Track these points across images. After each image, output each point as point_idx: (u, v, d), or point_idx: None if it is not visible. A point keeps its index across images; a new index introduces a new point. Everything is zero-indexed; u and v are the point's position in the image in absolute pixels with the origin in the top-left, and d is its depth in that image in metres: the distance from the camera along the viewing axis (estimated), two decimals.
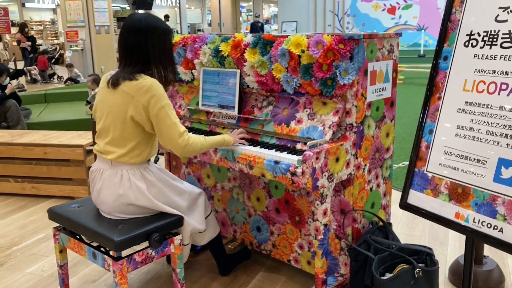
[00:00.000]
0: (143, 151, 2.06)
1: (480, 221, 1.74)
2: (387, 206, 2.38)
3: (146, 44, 2.01)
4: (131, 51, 2.02)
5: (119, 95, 1.99)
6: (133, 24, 2.03)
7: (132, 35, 2.01)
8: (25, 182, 3.91)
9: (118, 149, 2.03)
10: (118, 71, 2.04)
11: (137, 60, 2.02)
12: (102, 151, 2.07)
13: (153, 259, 2.07)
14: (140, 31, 2.01)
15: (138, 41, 2.01)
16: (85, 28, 11.37)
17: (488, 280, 2.32)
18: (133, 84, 1.97)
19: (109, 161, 2.05)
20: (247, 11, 28.80)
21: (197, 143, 2.04)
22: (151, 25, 2.03)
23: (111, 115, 2.03)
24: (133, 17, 2.06)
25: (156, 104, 1.95)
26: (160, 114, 1.96)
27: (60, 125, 5.34)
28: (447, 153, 1.88)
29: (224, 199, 2.80)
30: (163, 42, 2.06)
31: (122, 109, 1.99)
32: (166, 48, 2.09)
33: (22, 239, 3.13)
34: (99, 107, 2.10)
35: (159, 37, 2.04)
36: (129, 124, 2.00)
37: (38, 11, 23.98)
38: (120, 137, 2.02)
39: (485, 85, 1.77)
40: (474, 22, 1.84)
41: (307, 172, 1.87)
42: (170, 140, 1.99)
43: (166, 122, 1.97)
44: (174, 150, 2.03)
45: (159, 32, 2.04)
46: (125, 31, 2.04)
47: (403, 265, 1.95)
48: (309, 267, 2.45)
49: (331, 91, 2.04)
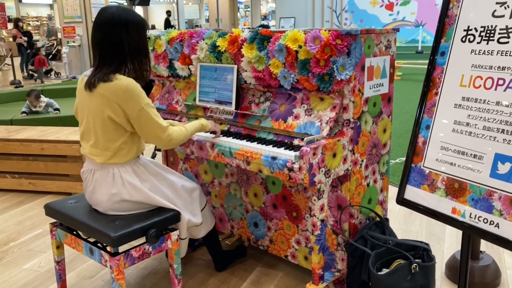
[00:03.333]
0: (130, 149, 2.06)
1: (476, 216, 1.75)
2: (384, 201, 2.39)
3: (120, 39, 1.95)
4: (105, 46, 1.96)
5: (95, 97, 1.96)
6: (106, 18, 1.96)
7: (105, 30, 1.95)
8: (22, 178, 3.90)
9: (104, 152, 2.02)
10: (93, 72, 1.99)
11: (111, 57, 1.97)
12: (89, 153, 2.06)
13: (150, 255, 2.07)
14: (113, 25, 1.95)
15: (112, 35, 1.95)
16: (82, 24, 11.34)
17: (484, 275, 2.33)
18: (109, 86, 1.92)
19: (99, 164, 2.05)
20: (244, 7, 28.75)
21: (179, 134, 2.09)
22: (125, 19, 1.96)
23: (91, 117, 2.00)
24: (105, 10, 1.98)
25: (135, 107, 1.94)
26: (141, 116, 1.96)
27: (57, 121, 5.33)
28: (444, 149, 1.88)
29: (221, 195, 2.80)
30: (137, 36, 2.00)
31: (100, 111, 1.96)
32: (141, 42, 2.03)
33: (19, 235, 3.13)
34: (79, 109, 2.07)
35: (132, 30, 1.98)
36: (109, 125, 1.97)
37: (35, 6, 23.86)
38: (103, 139, 2.00)
39: (482, 81, 1.78)
40: (471, 18, 1.84)
41: (304, 168, 1.87)
42: (154, 138, 2.03)
43: (148, 122, 1.98)
44: (159, 145, 2.09)
45: (132, 25, 1.98)
46: (98, 25, 1.97)
47: (400, 260, 1.96)
48: (306, 262, 2.45)
49: (328, 87, 2.03)
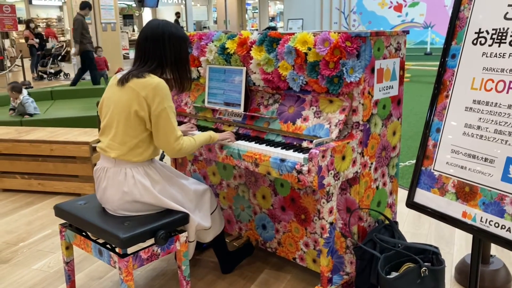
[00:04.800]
0: (145, 150, 2.08)
1: (487, 220, 1.73)
2: (393, 204, 2.37)
3: (163, 50, 2.07)
4: (147, 56, 2.08)
5: (125, 92, 2.03)
6: (151, 30, 2.08)
7: (150, 41, 2.07)
8: (31, 179, 3.93)
9: (121, 146, 2.05)
10: (130, 70, 2.10)
11: (151, 61, 2.08)
12: (105, 148, 2.09)
13: (158, 256, 2.07)
14: (157, 37, 2.07)
15: (156, 46, 2.07)
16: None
17: (494, 279, 2.31)
18: (140, 81, 2.01)
19: (113, 160, 2.07)
20: (252, 8, 28.77)
21: (188, 145, 2.09)
22: (169, 32, 2.08)
23: (116, 110, 2.06)
24: (151, 23, 2.12)
25: (160, 104, 1.99)
26: (162, 115, 2.00)
27: (66, 122, 5.36)
28: (454, 152, 1.86)
29: (229, 197, 2.80)
30: (179, 48, 2.12)
31: (127, 105, 2.02)
32: (182, 55, 2.14)
33: (29, 235, 3.15)
34: (105, 104, 2.13)
35: (175, 44, 2.10)
36: (133, 120, 2.02)
37: (44, 8, 24.07)
38: (122, 133, 2.05)
39: (493, 84, 1.76)
40: (482, 20, 1.82)
41: (313, 170, 1.86)
42: (165, 142, 2.04)
43: (165, 124, 2.01)
44: (166, 152, 2.08)
45: (175, 39, 2.10)
46: (143, 36, 2.09)
47: (409, 264, 1.95)
48: (314, 265, 2.44)
49: (338, 89, 2.03)
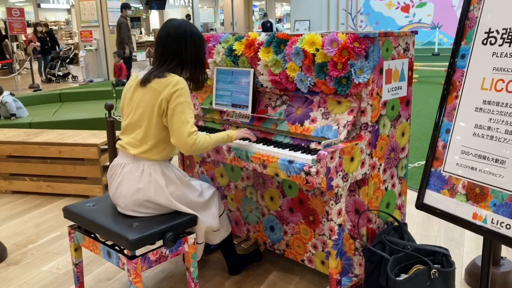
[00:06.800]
0: (164, 148, 2.12)
1: (498, 222, 1.71)
2: (402, 206, 2.36)
3: (185, 49, 2.12)
4: (167, 54, 2.12)
5: (148, 92, 2.07)
6: (174, 28, 2.13)
7: (172, 39, 2.11)
8: (40, 181, 3.95)
9: (142, 144, 2.09)
10: (150, 70, 2.13)
11: (171, 60, 2.12)
12: (125, 145, 2.12)
13: (167, 258, 2.08)
14: (180, 36, 2.12)
15: (177, 45, 2.11)
16: (99, 28, 11.49)
17: (505, 281, 2.28)
18: (162, 81, 2.06)
19: (132, 156, 2.10)
20: (259, 10, 28.79)
21: (203, 142, 2.08)
22: (190, 32, 2.14)
23: (140, 110, 2.10)
24: (173, 22, 2.16)
25: (177, 99, 2.02)
26: (177, 109, 2.02)
27: (75, 124, 5.39)
28: (464, 153, 1.85)
29: (237, 198, 2.80)
30: (199, 49, 2.18)
31: (150, 105, 2.06)
32: (201, 54, 2.20)
33: (38, 237, 3.17)
34: (127, 104, 2.17)
35: (195, 43, 2.16)
36: (155, 119, 2.06)
37: (53, 11, 24.26)
38: (145, 132, 2.08)
39: (504, 84, 1.74)
40: (492, 20, 1.81)
41: (322, 172, 1.85)
42: (179, 136, 2.02)
43: (180, 118, 2.02)
44: (180, 147, 2.06)
45: (195, 38, 2.16)
46: (165, 33, 2.13)
47: (418, 266, 1.93)
48: (323, 267, 2.43)
49: (346, 90, 2.02)
